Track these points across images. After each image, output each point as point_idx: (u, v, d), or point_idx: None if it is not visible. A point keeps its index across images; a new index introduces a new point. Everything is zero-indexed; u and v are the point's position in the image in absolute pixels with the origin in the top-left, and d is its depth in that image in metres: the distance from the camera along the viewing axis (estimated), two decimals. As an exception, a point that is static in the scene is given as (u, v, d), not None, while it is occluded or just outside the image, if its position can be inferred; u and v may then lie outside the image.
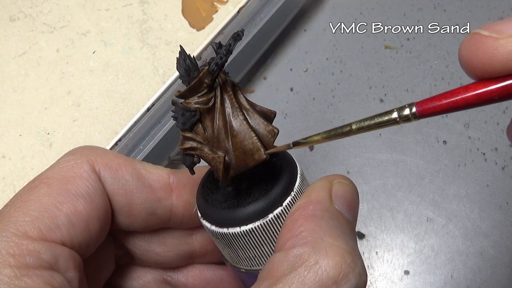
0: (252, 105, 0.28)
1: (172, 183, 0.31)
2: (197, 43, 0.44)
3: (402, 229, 0.44)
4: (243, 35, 0.27)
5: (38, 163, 0.41)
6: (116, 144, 0.41)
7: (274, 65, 0.51)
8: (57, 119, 0.42)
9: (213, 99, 0.27)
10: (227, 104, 0.27)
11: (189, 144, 0.27)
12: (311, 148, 0.48)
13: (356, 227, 0.28)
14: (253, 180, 0.28)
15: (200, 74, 0.26)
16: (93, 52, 0.44)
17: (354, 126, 0.24)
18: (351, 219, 0.26)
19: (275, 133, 0.26)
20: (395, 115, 0.23)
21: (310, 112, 0.49)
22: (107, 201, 0.29)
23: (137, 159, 0.31)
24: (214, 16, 0.45)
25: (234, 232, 0.26)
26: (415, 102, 0.22)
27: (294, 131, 0.49)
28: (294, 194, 0.27)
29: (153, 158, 0.43)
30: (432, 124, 0.47)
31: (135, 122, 0.42)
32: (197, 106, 0.27)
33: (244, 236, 0.26)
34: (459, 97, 0.21)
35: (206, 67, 0.26)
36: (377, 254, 0.43)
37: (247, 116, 0.27)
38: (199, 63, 0.44)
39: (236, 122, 0.27)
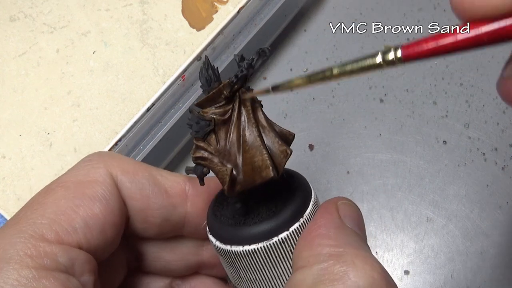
0: (270, 123, 0.27)
1: (187, 191, 0.30)
2: (197, 43, 0.44)
3: (402, 229, 0.44)
4: (269, 52, 0.27)
5: (38, 163, 0.41)
6: (116, 144, 0.41)
7: (274, 65, 0.51)
8: (57, 119, 0.42)
9: (230, 111, 0.27)
10: (244, 119, 0.27)
11: (200, 153, 0.27)
12: (311, 148, 0.48)
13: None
14: (265, 200, 0.27)
15: (220, 86, 0.26)
16: (93, 52, 0.44)
17: (335, 71, 0.22)
18: (363, 236, 0.26)
19: (287, 154, 0.26)
20: (379, 58, 0.21)
21: (310, 112, 0.49)
22: (123, 206, 0.29)
23: (153, 166, 0.31)
24: (214, 16, 0.45)
25: (237, 251, 0.26)
26: (401, 45, 0.21)
27: (294, 131, 0.48)
28: (304, 221, 0.26)
29: (153, 158, 0.43)
30: (432, 124, 0.47)
31: (135, 122, 0.42)
32: (212, 116, 0.27)
33: (246, 256, 0.26)
34: (447, 41, 0.20)
35: (227, 80, 0.26)
36: (377, 254, 0.43)
37: (262, 133, 0.27)
38: (199, 63, 0.44)
39: (250, 138, 0.26)
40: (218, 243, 0.27)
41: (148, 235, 0.31)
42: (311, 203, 0.27)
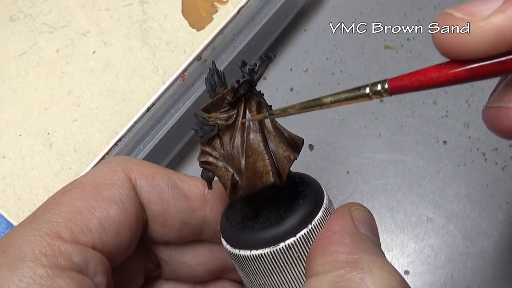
0: (278, 128, 0.27)
1: (206, 194, 0.30)
2: (197, 43, 0.44)
3: (402, 229, 0.44)
4: (274, 57, 0.27)
5: (38, 163, 0.41)
6: (116, 144, 0.41)
7: (274, 65, 0.51)
8: (57, 119, 0.42)
9: (234, 116, 0.27)
10: (248, 124, 0.27)
11: (206, 158, 0.27)
12: (311, 148, 0.48)
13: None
14: (275, 204, 0.27)
15: (224, 91, 0.26)
16: (93, 52, 0.44)
17: (328, 99, 0.25)
18: (377, 243, 0.26)
19: (290, 160, 0.26)
20: (368, 90, 0.24)
21: (310, 112, 0.49)
22: (140, 210, 0.28)
23: (171, 170, 0.31)
24: (214, 16, 0.45)
25: (245, 255, 0.26)
26: (388, 78, 0.23)
27: (294, 131, 0.48)
28: (312, 227, 0.26)
29: (153, 158, 0.43)
30: (432, 124, 0.47)
31: (135, 122, 0.42)
32: (216, 121, 0.27)
33: (254, 261, 0.26)
34: (430, 78, 0.22)
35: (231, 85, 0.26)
36: (377, 254, 0.43)
37: (267, 139, 0.27)
38: (199, 63, 0.44)
39: (254, 143, 0.26)
40: (228, 247, 0.27)
41: (167, 240, 0.31)
42: (322, 209, 0.27)
